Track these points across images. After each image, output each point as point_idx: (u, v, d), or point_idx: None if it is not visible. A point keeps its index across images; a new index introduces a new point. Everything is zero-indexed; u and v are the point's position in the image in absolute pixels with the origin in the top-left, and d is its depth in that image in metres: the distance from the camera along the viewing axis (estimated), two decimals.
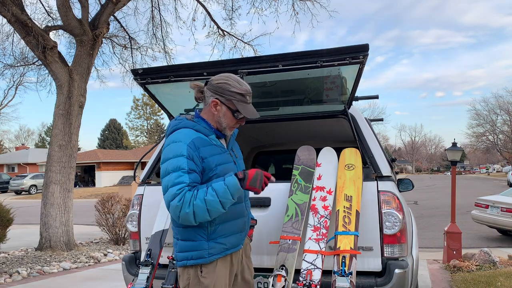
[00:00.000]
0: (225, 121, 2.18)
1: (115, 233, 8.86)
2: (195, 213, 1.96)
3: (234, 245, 2.21)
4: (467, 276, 5.61)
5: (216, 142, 2.19)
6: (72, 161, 8.19)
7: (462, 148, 7.36)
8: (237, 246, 2.24)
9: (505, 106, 50.40)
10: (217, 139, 2.21)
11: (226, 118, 2.18)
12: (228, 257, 2.20)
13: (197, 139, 2.11)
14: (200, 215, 1.97)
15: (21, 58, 11.18)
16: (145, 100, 62.83)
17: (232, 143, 2.37)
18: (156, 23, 11.42)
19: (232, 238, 2.19)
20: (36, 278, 6.09)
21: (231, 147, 2.32)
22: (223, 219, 2.14)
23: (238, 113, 2.15)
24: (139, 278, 2.77)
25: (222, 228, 2.14)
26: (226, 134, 2.23)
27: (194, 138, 2.11)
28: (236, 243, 2.22)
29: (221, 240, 2.14)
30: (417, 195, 20.56)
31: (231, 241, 2.18)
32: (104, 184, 39.97)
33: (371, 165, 2.97)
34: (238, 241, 2.24)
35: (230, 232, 2.18)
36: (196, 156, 2.06)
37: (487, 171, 65.03)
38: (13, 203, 11.24)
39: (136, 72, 2.91)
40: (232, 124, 2.20)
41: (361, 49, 2.51)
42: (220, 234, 2.14)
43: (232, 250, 2.20)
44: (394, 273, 2.63)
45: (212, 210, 1.97)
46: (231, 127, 2.22)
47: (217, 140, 2.21)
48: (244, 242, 2.37)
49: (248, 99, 2.17)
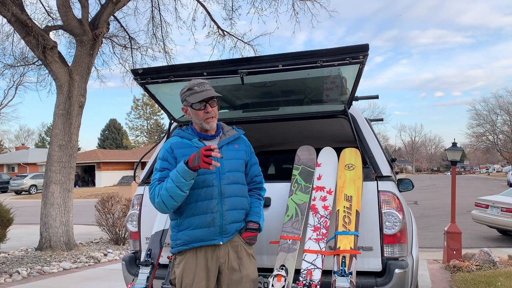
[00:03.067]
0: (196, 119, 2.45)
1: (115, 233, 8.86)
2: (163, 201, 2.30)
3: (201, 239, 2.37)
4: (467, 276, 5.61)
5: (198, 144, 2.44)
6: (72, 161, 8.19)
7: (462, 148, 7.36)
8: (205, 240, 2.37)
9: (505, 106, 50.40)
10: (200, 142, 2.46)
11: (194, 116, 2.44)
12: (198, 251, 2.39)
13: (176, 143, 2.47)
14: (167, 202, 2.29)
15: (21, 58, 11.18)
16: (145, 100, 62.85)
17: (227, 145, 2.51)
18: (156, 23, 11.42)
19: (198, 232, 2.37)
20: (36, 278, 6.09)
21: (219, 147, 2.41)
22: (190, 214, 2.38)
23: (194, 104, 2.38)
24: (139, 278, 2.77)
25: (188, 222, 2.38)
26: (207, 129, 2.46)
27: (172, 143, 2.47)
28: (203, 237, 2.37)
29: (187, 232, 2.38)
30: (417, 195, 20.57)
31: (197, 235, 2.37)
32: (104, 184, 39.98)
33: (371, 165, 2.97)
34: (205, 236, 2.37)
35: (195, 226, 2.37)
36: (170, 157, 2.43)
37: (487, 171, 65.02)
38: (13, 203, 11.24)
39: (136, 72, 2.91)
40: (202, 117, 2.42)
41: (361, 49, 2.51)
42: (186, 226, 2.39)
43: (199, 244, 2.37)
44: (394, 273, 2.63)
45: (173, 195, 2.26)
46: (205, 120, 2.42)
47: (199, 142, 2.45)
48: (235, 243, 2.43)
49: (197, 88, 2.38)
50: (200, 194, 2.38)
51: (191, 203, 2.39)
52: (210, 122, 2.43)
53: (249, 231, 2.48)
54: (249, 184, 2.62)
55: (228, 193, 2.41)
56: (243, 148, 2.58)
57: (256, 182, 2.65)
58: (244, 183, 2.55)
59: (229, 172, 2.45)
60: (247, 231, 2.48)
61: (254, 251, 2.55)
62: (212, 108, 2.41)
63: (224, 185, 2.42)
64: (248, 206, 2.54)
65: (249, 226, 2.49)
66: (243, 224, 2.49)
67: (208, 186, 2.38)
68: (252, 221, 2.50)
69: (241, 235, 2.47)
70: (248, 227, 2.48)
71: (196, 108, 2.39)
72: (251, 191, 2.62)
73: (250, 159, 2.63)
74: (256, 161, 2.67)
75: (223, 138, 2.53)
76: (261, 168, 2.73)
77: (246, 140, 2.66)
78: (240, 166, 2.52)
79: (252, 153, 2.66)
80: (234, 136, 2.57)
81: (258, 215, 2.53)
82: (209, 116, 2.41)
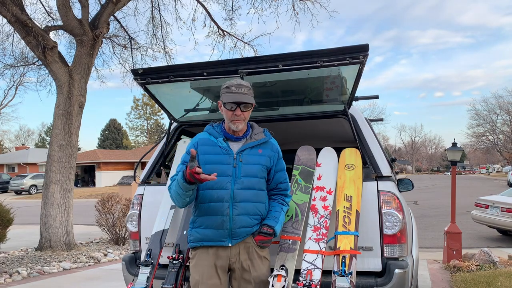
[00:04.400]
0: (226, 117, 2.45)
1: (115, 233, 8.86)
2: (173, 198, 2.43)
3: (211, 238, 2.40)
4: (467, 276, 5.61)
5: (222, 144, 2.46)
6: (72, 161, 8.19)
7: (462, 148, 7.36)
8: (215, 241, 2.40)
9: (505, 106, 50.39)
10: (224, 142, 2.47)
11: (224, 114, 2.45)
12: (209, 249, 2.42)
13: (202, 139, 2.51)
14: (174, 200, 2.43)
15: (21, 58, 11.18)
16: (145, 100, 62.84)
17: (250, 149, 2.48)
18: (156, 23, 11.42)
19: (208, 231, 2.41)
20: (36, 278, 6.09)
21: (241, 151, 2.45)
22: (203, 213, 2.43)
23: (226, 104, 2.39)
24: (139, 278, 2.77)
25: (201, 220, 2.44)
26: (234, 130, 2.45)
27: (199, 138, 2.52)
28: (213, 237, 2.40)
29: (199, 230, 2.44)
30: (417, 195, 20.56)
31: (206, 234, 2.41)
32: (104, 184, 39.96)
33: (371, 165, 2.97)
34: (215, 236, 2.40)
35: (207, 226, 2.41)
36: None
37: (487, 171, 64.99)
38: (13, 203, 11.23)
39: (136, 72, 2.91)
40: (229, 117, 2.42)
41: (361, 49, 2.51)
42: (199, 224, 2.45)
43: (209, 243, 2.41)
44: (394, 273, 2.63)
45: (175, 198, 2.39)
46: (232, 120, 2.42)
47: (223, 143, 2.47)
48: (247, 244, 2.42)
49: (234, 89, 2.38)
50: (213, 195, 2.38)
51: (204, 202, 2.41)
52: (236, 123, 2.42)
53: (262, 235, 2.43)
54: (274, 190, 2.57)
55: (240, 198, 2.39)
56: (267, 154, 2.51)
57: (281, 189, 2.58)
58: (262, 188, 2.48)
59: (244, 177, 2.41)
60: (260, 234, 2.43)
61: (267, 253, 2.52)
62: (242, 112, 2.39)
63: (238, 189, 2.39)
64: (265, 212, 2.48)
65: (263, 230, 2.43)
66: (255, 228, 2.44)
67: (222, 188, 2.38)
68: (267, 225, 2.44)
69: (254, 237, 2.44)
70: (261, 231, 2.43)
71: (228, 107, 2.39)
72: (275, 195, 2.57)
73: (276, 165, 2.55)
74: (283, 167, 2.59)
75: (249, 141, 2.49)
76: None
77: (274, 145, 2.59)
78: (259, 171, 2.46)
79: (279, 159, 2.58)
80: (259, 140, 2.51)
81: (275, 219, 2.46)
82: (237, 119, 2.40)
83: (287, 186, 2.61)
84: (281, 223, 2.51)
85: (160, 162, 3.52)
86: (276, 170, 2.55)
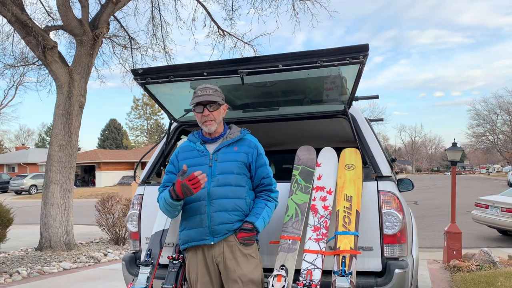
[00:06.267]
0: (198, 121, 2.56)
1: (115, 233, 8.86)
2: (162, 210, 2.53)
3: (194, 238, 2.49)
4: (467, 276, 5.61)
5: (199, 147, 2.57)
6: (72, 161, 8.20)
7: (462, 148, 7.36)
8: (197, 240, 2.47)
9: (505, 106, 50.44)
10: (201, 145, 2.58)
11: (196, 118, 2.56)
12: (197, 250, 2.51)
13: (183, 147, 2.65)
14: (163, 212, 2.53)
15: (21, 58, 11.18)
16: (145, 100, 62.83)
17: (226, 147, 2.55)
18: (156, 23, 11.42)
19: (191, 232, 2.50)
20: (36, 278, 6.09)
21: (217, 150, 2.54)
22: (185, 215, 2.53)
23: (194, 107, 2.51)
24: (139, 278, 2.77)
25: (185, 223, 2.55)
26: (207, 131, 2.55)
27: (181, 146, 2.66)
28: (195, 237, 2.48)
29: (184, 232, 2.54)
30: (417, 195, 20.57)
31: (190, 235, 2.50)
32: (104, 184, 39.96)
33: (371, 165, 2.97)
34: (197, 235, 2.47)
35: (189, 227, 2.51)
36: (175, 160, 2.64)
37: (487, 171, 64.96)
38: (13, 203, 11.24)
39: (136, 72, 2.91)
40: (200, 120, 2.53)
41: (361, 49, 2.50)
42: (184, 227, 2.56)
43: (194, 243, 2.49)
44: (394, 273, 2.63)
45: (165, 212, 2.51)
46: (203, 123, 2.52)
47: (200, 146, 2.58)
48: (230, 243, 2.43)
49: (199, 92, 2.48)
50: (192, 196, 2.41)
51: (186, 204, 2.50)
52: (207, 125, 2.50)
53: (243, 231, 2.44)
54: (258, 186, 2.59)
55: (216, 195, 2.44)
56: (243, 150, 2.54)
57: (264, 184, 2.59)
58: (240, 184, 2.50)
59: (220, 175, 2.47)
60: (241, 231, 2.44)
61: (254, 251, 2.51)
62: (210, 112, 2.46)
63: (214, 187, 2.45)
64: (246, 208, 2.50)
65: (243, 226, 2.45)
66: (237, 225, 2.45)
67: None
68: (247, 221, 2.46)
69: (236, 235, 2.45)
70: (242, 227, 2.45)
71: (197, 111, 2.50)
72: (261, 192, 2.59)
73: (256, 161, 2.57)
74: (264, 163, 2.60)
75: (224, 140, 2.57)
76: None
77: (252, 141, 2.61)
78: (235, 168, 2.49)
79: (259, 155, 2.59)
80: (234, 138, 2.57)
81: (256, 215, 2.47)
82: (206, 119, 2.49)
83: (271, 180, 2.61)
84: (264, 218, 2.49)
85: (160, 162, 3.52)
86: (257, 166, 2.58)
